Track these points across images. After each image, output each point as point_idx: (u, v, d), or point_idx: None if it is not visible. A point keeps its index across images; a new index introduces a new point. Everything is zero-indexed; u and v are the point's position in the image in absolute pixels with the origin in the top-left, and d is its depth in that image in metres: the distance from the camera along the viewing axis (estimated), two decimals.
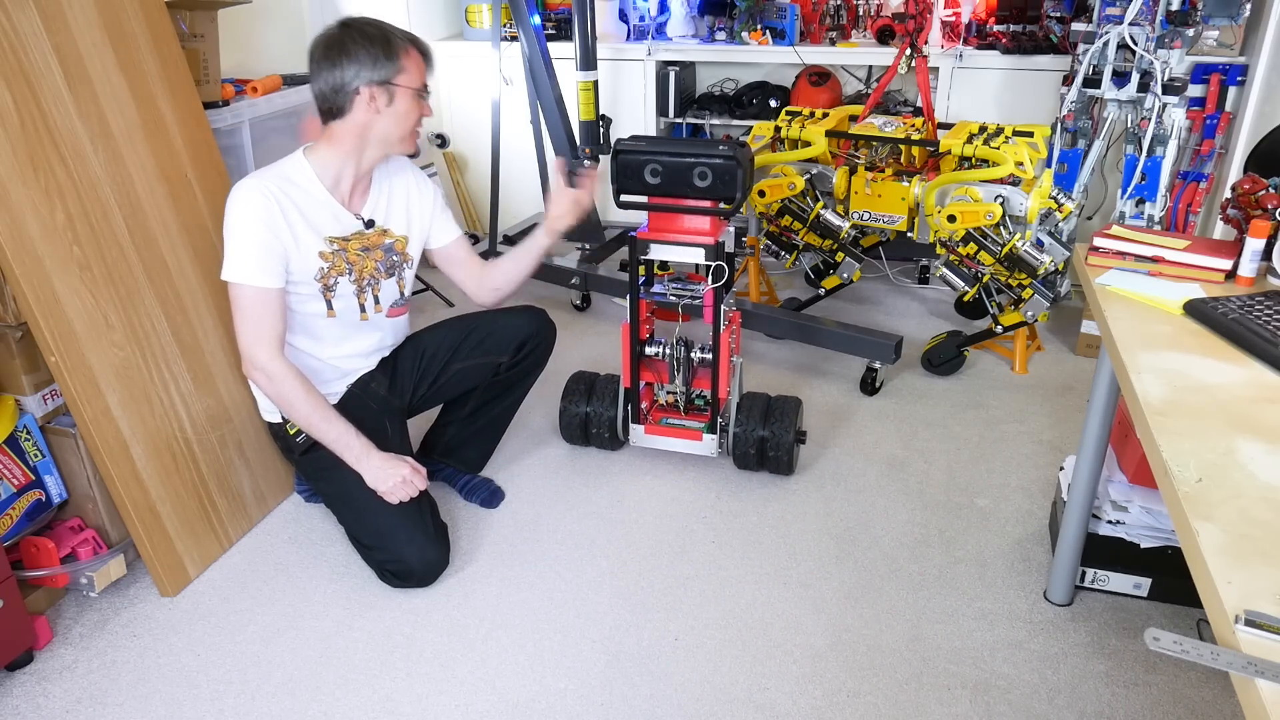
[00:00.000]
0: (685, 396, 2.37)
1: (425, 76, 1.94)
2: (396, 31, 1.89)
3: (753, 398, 2.32)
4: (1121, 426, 1.91)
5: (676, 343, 2.27)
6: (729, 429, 2.30)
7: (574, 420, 2.43)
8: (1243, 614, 0.82)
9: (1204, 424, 1.14)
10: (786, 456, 2.26)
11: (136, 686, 1.74)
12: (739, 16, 3.55)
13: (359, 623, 1.90)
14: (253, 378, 1.92)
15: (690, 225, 2.17)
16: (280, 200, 1.86)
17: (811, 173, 2.80)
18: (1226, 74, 2.93)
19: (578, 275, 3.25)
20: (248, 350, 1.88)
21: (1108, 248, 1.65)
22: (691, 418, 2.40)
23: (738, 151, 2.04)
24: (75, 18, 1.90)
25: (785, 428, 2.25)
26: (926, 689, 1.71)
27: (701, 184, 2.08)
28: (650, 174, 2.10)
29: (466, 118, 3.90)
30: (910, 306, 3.43)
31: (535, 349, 2.25)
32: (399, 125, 1.91)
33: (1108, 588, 1.94)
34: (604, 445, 2.46)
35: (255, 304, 1.86)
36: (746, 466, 2.33)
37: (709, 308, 2.21)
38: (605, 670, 1.77)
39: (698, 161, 2.06)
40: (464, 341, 2.19)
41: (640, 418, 2.38)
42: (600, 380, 2.44)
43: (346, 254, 1.97)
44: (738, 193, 2.07)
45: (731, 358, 2.30)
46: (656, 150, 2.09)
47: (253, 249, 1.83)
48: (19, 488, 1.82)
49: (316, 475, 2.05)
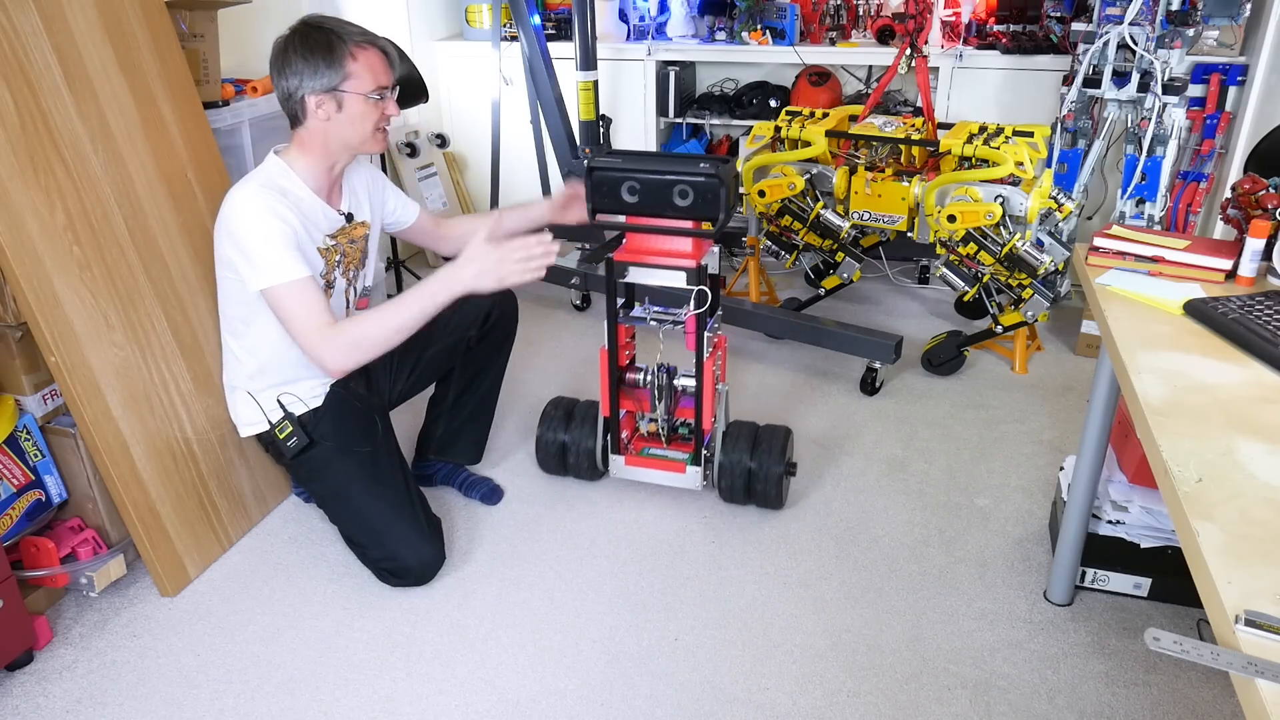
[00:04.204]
0: (668, 426, 2.23)
1: (381, 77, 1.88)
2: (347, 33, 1.84)
3: (740, 427, 2.19)
4: (1121, 426, 1.91)
5: (658, 369, 2.15)
6: (714, 460, 2.17)
7: (550, 449, 2.30)
8: (1243, 614, 0.82)
9: (1204, 424, 1.14)
10: (775, 490, 2.14)
11: (136, 686, 1.74)
12: (739, 16, 3.55)
13: (359, 623, 1.90)
14: (341, 369, 1.87)
15: (671, 247, 2.02)
16: (280, 202, 1.86)
17: (811, 173, 2.80)
18: (1226, 74, 2.93)
19: (578, 275, 3.25)
20: (315, 355, 1.83)
21: (1108, 248, 1.65)
22: (675, 447, 2.26)
23: (720, 169, 1.89)
24: (75, 18, 1.90)
25: (774, 459, 2.12)
26: (926, 689, 1.71)
27: (682, 203, 1.92)
28: (628, 192, 1.94)
29: (466, 118, 3.90)
30: (910, 306, 3.43)
31: (500, 317, 2.26)
32: (354, 130, 1.88)
33: (1108, 588, 1.94)
34: (582, 475, 2.33)
35: (300, 297, 1.81)
36: (733, 500, 2.20)
37: (691, 334, 2.06)
38: (605, 670, 1.77)
39: (678, 179, 1.90)
40: (430, 328, 2.19)
41: (620, 448, 2.24)
42: (579, 406, 2.32)
43: (340, 246, 1.99)
44: (721, 213, 1.91)
45: (717, 385, 2.17)
46: (634, 167, 1.94)
47: (278, 245, 1.80)
48: (19, 488, 1.82)
49: (309, 477, 2.05)
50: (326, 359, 1.84)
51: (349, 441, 2.00)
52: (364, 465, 1.99)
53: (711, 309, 2.07)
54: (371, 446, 2.02)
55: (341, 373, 1.89)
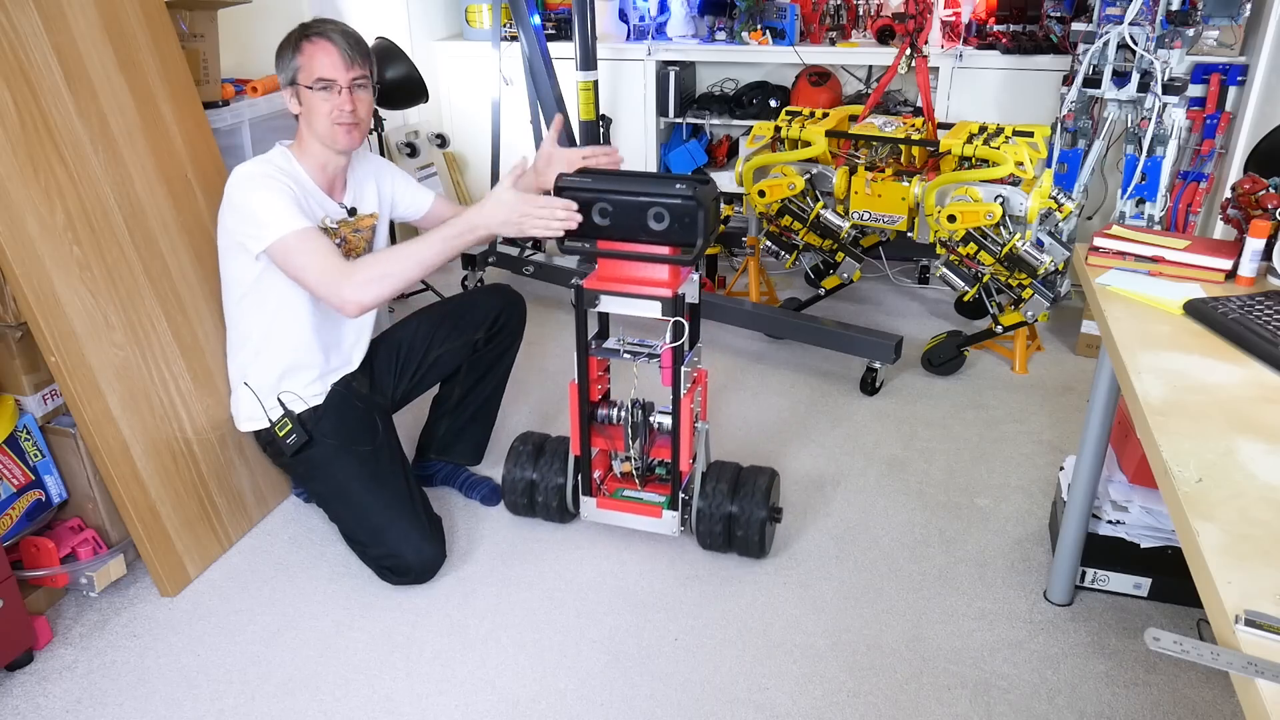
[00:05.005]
0: (643, 466, 2.07)
1: (325, 69, 1.84)
2: (310, 26, 1.87)
3: (721, 468, 2.03)
4: (1121, 426, 1.91)
5: (633, 405, 2.00)
6: (692, 504, 2.01)
7: (518, 488, 2.13)
8: (1243, 614, 0.82)
9: (1204, 424, 1.14)
10: (758, 537, 1.97)
11: (136, 686, 1.74)
12: (739, 16, 3.55)
13: (359, 623, 1.90)
14: (364, 305, 1.83)
15: (646, 274, 1.86)
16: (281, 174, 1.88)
17: (811, 173, 2.80)
18: (1226, 74, 2.93)
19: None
20: (333, 292, 1.81)
21: (1108, 248, 1.65)
22: (651, 489, 2.10)
23: (699, 190, 1.74)
24: (75, 18, 1.90)
25: (757, 504, 1.96)
26: (926, 689, 1.71)
27: (657, 226, 1.77)
28: (599, 214, 1.80)
29: (466, 118, 3.90)
30: (910, 306, 3.43)
31: (508, 321, 2.26)
32: (315, 122, 1.88)
33: (1108, 588, 1.94)
34: (551, 517, 2.16)
35: (308, 244, 1.80)
36: (712, 547, 2.04)
37: (668, 369, 1.90)
38: (605, 670, 1.77)
39: (653, 201, 1.76)
40: (437, 330, 2.21)
41: (592, 489, 2.09)
42: (550, 442, 2.16)
43: (342, 233, 1.99)
44: (699, 238, 1.76)
45: (696, 423, 2.01)
46: (605, 187, 1.79)
47: (278, 201, 1.82)
48: (19, 488, 1.82)
49: (309, 476, 2.05)
50: (347, 295, 1.80)
51: (349, 440, 2.00)
52: (365, 463, 1.99)
53: (691, 341, 1.93)
54: (372, 445, 2.02)
55: (362, 310, 1.85)
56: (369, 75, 1.93)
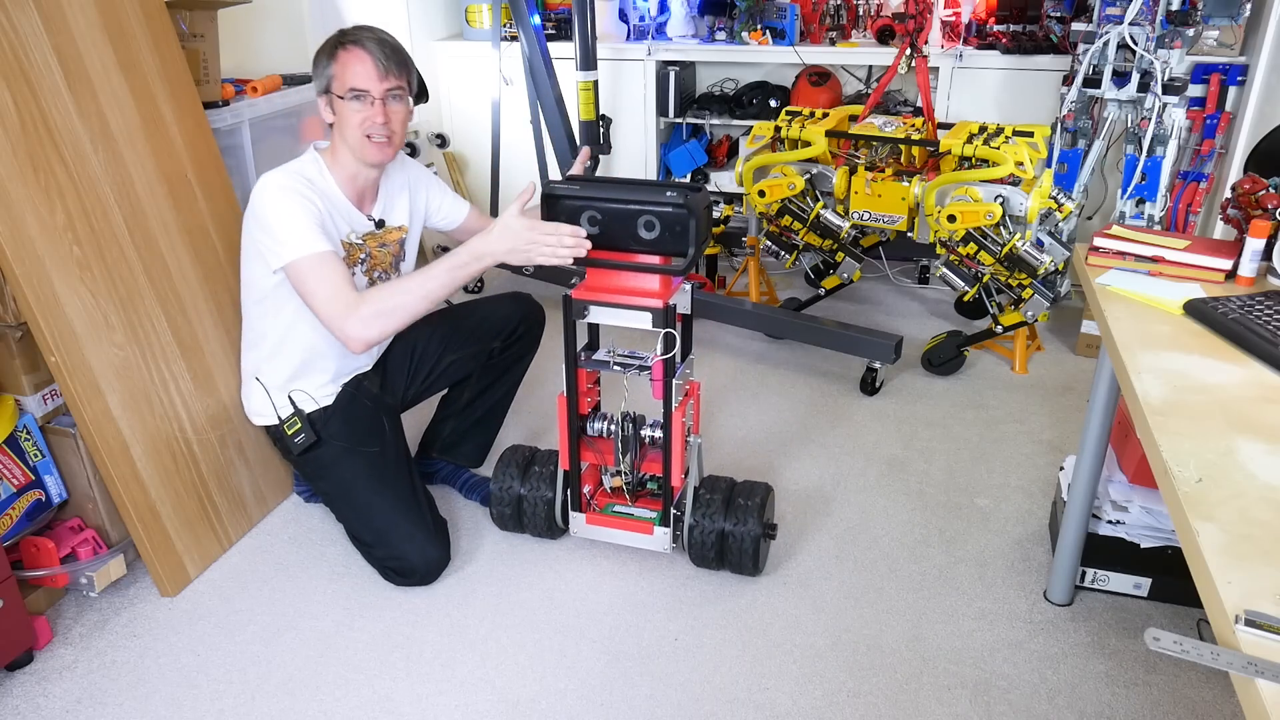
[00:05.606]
0: (634, 481, 2.03)
1: (358, 79, 1.82)
2: (346, 34, 1.84)
3: (714, 483, 1.99)
4: (1121, 426, 1.91)
5: (623, 418, 1.95)
6: (684, 521, 1.97)
7: (506, 502, 2.09)
8: (1243, 614, 0.82)
9: (1204, 424, 1.14)
10: (751, 554, 1.92)
11: (136, 686, 1.74)
12: (739, 16, 3.55)
13: (359, 623, 1.90)
14: (368, 341, 1.83)
15: (635, 284, 1.82)
16: (307, 188, 1.86)
17: (811, 173, 2.80)
18: (1226, 74, 2.93)
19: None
20: (337, 327, 1.79)
21: (1108, 248, 1.65)
22: (642, 504, 2.05)
23: (690, 198, 1.69)
24: (75, 18, 1.90)
25: (751, 520, 1.91)
26: (926, 689, 1.71)
27: (648, 235, 1.74)
28: (588, 222, 1.77)
29: (466, 118, 3.90)
30: (910, 306, 3.43)
31: (526, 332, 2.26)
32: (347, 133, 1.86)
33: (1108, 588, 1.94)
34: (540, 533, 2.12)
35: (322, 270, 1.79)
36: (705, 564, 1.99)
37: (658, 381, 1.86)
38: (605, 670, 1.77)
39: (643, 209, 1.72)
40: (454, 334, 2.19)
41: (582, 505, 2.05)
42: (539, 456, 2.11)
43: (366, 247, 1.98)
44: (690, 247, 1.73)
45: (688, 437, 1.95)
46: (594, 195, 1.75)
47: (300, 220, 1.80)
48: (19, 488, 1.82)
49: (316, 474, 2.05)
50: (350, 331, 1.79)
51: (357, 441, 2.00)
52: (372, 464, 1.99)
53: (683, 353, 1.90)
54: (379, 447, 2.01)
55: (366, 346, 1.84)
56: (405, 87, 1.88)
